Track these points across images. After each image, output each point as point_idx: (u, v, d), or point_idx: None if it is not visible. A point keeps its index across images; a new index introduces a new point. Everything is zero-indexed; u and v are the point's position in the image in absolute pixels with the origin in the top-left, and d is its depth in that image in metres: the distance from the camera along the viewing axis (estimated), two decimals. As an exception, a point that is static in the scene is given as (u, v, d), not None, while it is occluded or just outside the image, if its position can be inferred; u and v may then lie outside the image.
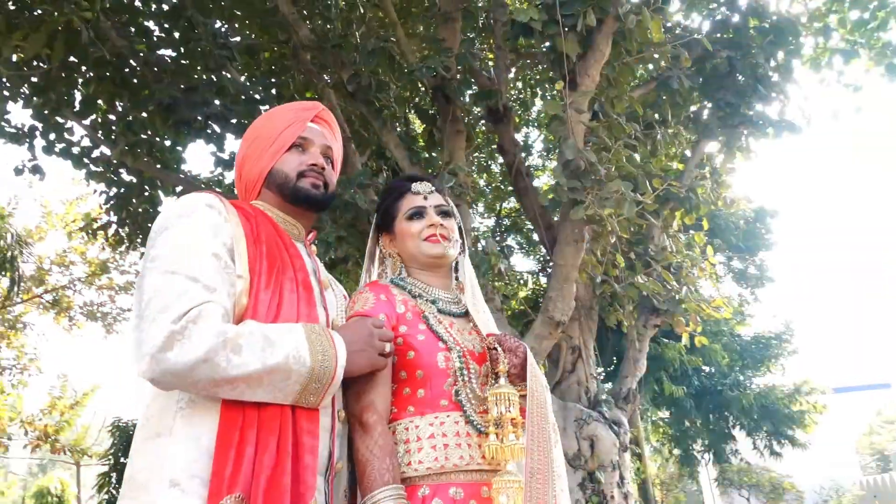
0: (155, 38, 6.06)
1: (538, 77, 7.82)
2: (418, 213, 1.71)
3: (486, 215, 12.06)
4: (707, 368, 11.35)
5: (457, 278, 1.78)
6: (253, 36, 7.16)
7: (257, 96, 6.01)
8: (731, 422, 11.54)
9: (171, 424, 1.24)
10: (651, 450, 14.00)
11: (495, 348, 1.55)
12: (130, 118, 5.74)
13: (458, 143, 5.57)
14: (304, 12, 6.45)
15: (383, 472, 1.35)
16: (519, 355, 1.55)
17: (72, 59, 5.15)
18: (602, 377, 11.28)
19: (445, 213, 1.74)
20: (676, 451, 12.51)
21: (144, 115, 5.67)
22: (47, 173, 7.26)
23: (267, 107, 6.82)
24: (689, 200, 6.68)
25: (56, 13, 3.96)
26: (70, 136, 6.86)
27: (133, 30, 6.01)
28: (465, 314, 1.68)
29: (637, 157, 6.68)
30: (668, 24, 6.18)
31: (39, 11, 3.88)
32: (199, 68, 5.57)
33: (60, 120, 6.59)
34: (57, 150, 6.89)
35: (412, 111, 6.87)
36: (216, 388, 1.21)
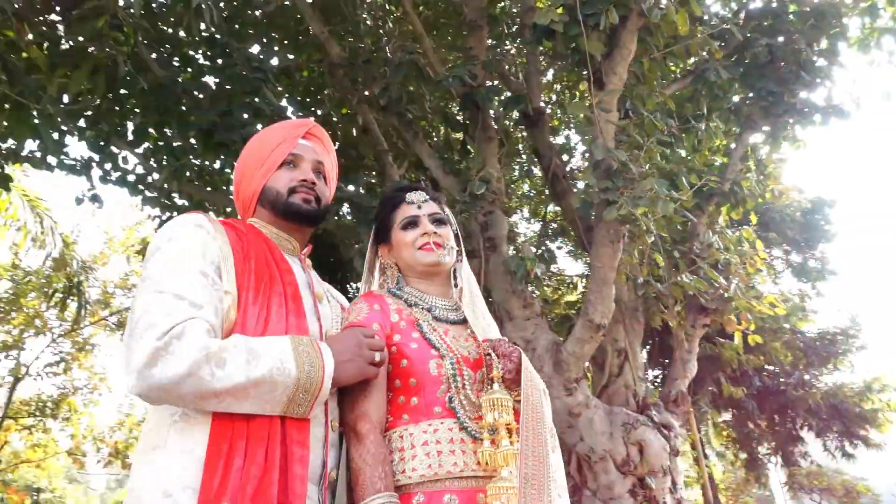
0: (196, 66, 6.30)
1: (575, 79, 7.75)
2: (412, 223, 1.72)
3: (531, 220, 12.00)
4: (769, 367, 10.94)
5: (456, 284, 1.79)
6: (291, 57, 7.35)
7: (293, 116, 6.15)
8: (797, 423, 11.07)
9: (166, 437, 1.29)
10: (714, 454, 13.58)
11: (490, 354, 1.55)
12: (176, 144, 5.95)
13: (490, 149, 5.56)
14: (336, 31, 6.57)
15: (375, 480, 1.36)
16: (513, 360, 1.53)
17: (120, 90, 5.37)
18: (650, 380, 11.03)
19: (440, 222, 1.75)
20: (742, 455, 12.07)
21: (190, 140, 5.89)
22: (106, 201, 7.62)
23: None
24: (735, 195, 6.50)
25: (95, 50, 4.15)
26: (125, 165, 7.19)
27: (177, 59, 6.27)
28: (464, 321, 1.68)
29: (675, 153, 6.55)
30: (703, 16, 6.03)
31: (78, 48, 4.08)
32: (236, 92, 5.74)
33: (115, 150, 6.91)
34: (113, 178, 7.20)
35: (443, 121, 6.90)
36: (203, 402, 1.25)
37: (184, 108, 5.82)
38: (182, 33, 6.25)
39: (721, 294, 6.02)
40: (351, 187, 6.10)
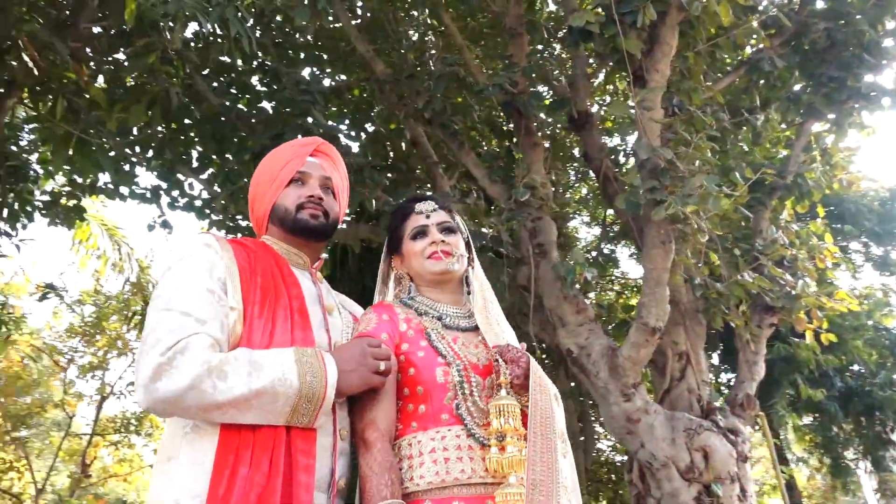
0: (253, 93, 6.55)
1: (623, 79, 7.63)
2: (421, 233, 1.75)
3: (590, 224, 11.82)
4: (853, 368, 10.34)
5: (469, 292, 1.79)
6: (343, 78, 7.54)
7: (344, 134, 6.30)
8: (887, 425, 10.39)
9: (179, 448, 1.35)
10: (795, 460, 12.91)
11: (497, 360, 1.54)
12: (232, 168, 6.19)
13: (535, 155, 5.53)
14: (381, 49, 6.70)
15: (381, 487, 1.38)
16: (521, 365, 1.53)
17: (177, 121, 5.65)
18: (721, 384, 10.60)
19: (449, 230, 1.76)
20: (826, 461, 11.43)
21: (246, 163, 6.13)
22: (175, 226, 7.99)
23: (355, 143, 7.12)
24: (799, 187, 6.23)
25: (150, 84, 4.39)
26: (191, 191, 7.53)
27: (234, 88, 6.54)
28: (476, 328, 1.68)
29: (735, 146, 6.33)
30: (754, 4, 5.83)
31: (134, 84, 4.33)
32: (287, 115, 5.93)
33: (181, 177, 7.25)
34: (180, 204, 7.55)
35: (489, 130, 6.91)
36: (207, 414, 1.30)
37: (241, 133, 6.06)
38: (240, 62, 6.53)
39: (788, 291, 5.75)
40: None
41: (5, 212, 5.45)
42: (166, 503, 1.29)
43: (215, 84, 6.30)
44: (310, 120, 6.05)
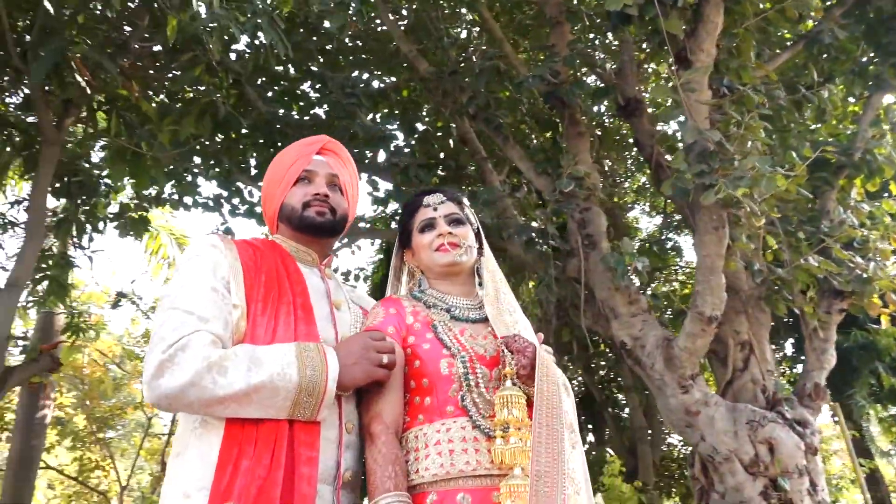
0: (306, 99, 6.71)
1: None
2: (429, 225, 1.74)
3: (652, 214, 11.51)
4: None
5: (481, 283, 1.78)
6: (392, 80, 7.61)
7: (386, 134, 6.36)
8: (985, 415, 9.70)
9: (188, 443, 1.40)
10: (880, 453, 12.18)
11: (503, 350, 1.53)
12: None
13: (581, 145, 5.43)
14: (426, 48, 6.72)
15: (385, 479, 1.39)
16: (528, 355, 1.50)
17: (230, 130, 5.83)
18: (785, 373, 10.12)
19: (457, 222, 1.75)
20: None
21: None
22: (238, 233, 8.23)
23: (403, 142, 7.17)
24: (868, 164, 5.88)
25: (200, 96, 4.55)
26: (251, 198, 7.78)
27: (286, 95, 6.70)
28: (486, 319, 1.66)
29: (802, 124, 6.03)
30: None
31: (183, 97, 4.51)
32: (334, 119, 6.04)
33: (241, 185, 7.50)
34: (241, 211, 7.81)
35: (535, 122, 6.83)
36: (210, 409, 1.34)
37: (291, 139, 6.21)
38: (291, 70, 6.70)
39: (859, 275, 5.44)
40: None
41: (75, 225, 5.74)
42: (176, 496, 1.33)
43: (270, 94, 6.49)
44: (357, 122, 6.15)
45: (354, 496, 1.47)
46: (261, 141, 6.29)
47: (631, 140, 8.52)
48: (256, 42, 4.51)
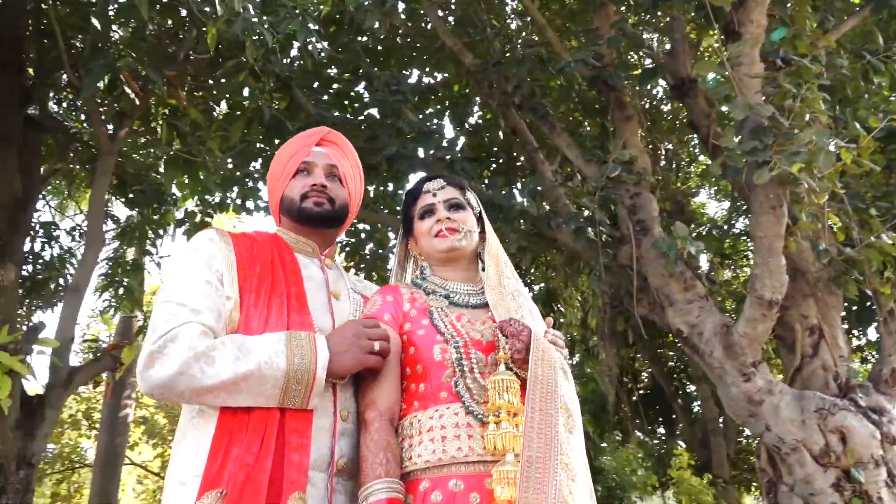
0: (356, 99, 6.81)
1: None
2: (429, 212, 1.73)
3: (719, 199, 11.07)
4: None
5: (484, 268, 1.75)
6: (444, 75, 7.61)
7: (441, 129, 6.37)
8: None
9: (186, 432, 1.44)
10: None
11: (498, 335, 1.50)
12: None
13: (630, 129, 5.28)
14: (472, 41, 6.69)
15: (376, 466, 1.39)
16: (522, 339, 1.46)
17: (278, 134, 5.98)
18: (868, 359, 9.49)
19: (456, 206, 1.73)
20: None
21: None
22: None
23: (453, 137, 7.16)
24: (948, 133, 5.46)
25: (247, 102, 4.68)
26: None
27: (336, 96, 6.82)
28: (487, 305, 1.63)
29: (878, 94, 5.66)
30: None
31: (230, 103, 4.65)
32: (380, 117, 6.10)
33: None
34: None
35: (583, 109, 6.69)
36: (200, 398, 1.37)
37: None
38: (338, 71, 6.80)
39: (941, 251, 5.06)
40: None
41: (144, 232, 6.02)
42: (174, 483, 1.38)
43: (325, 97, 6.61)
44: (406, 119, 6.18)
45: (353, 484, 1.47)
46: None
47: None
48: (296, 45, 4.58)
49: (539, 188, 5.42)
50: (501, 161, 7.77)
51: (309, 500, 1.35)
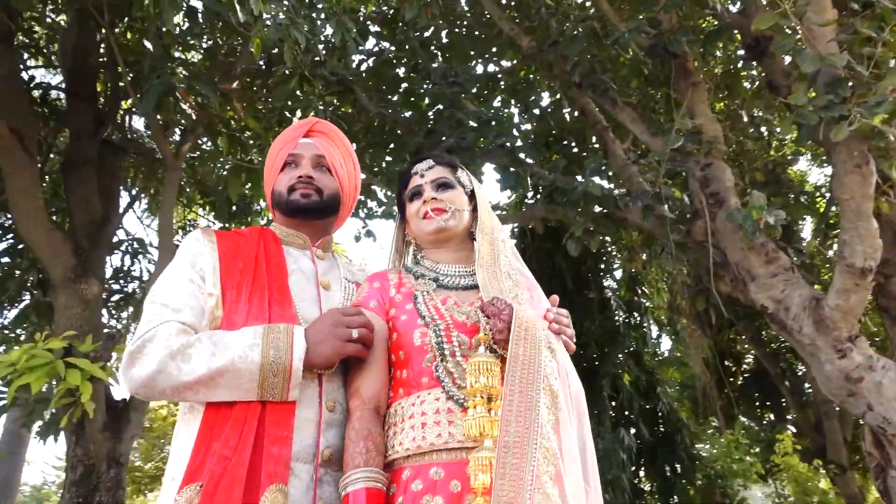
0: (419, 96, 6.83)
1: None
2: (417, 193, 1.68)
3: (820, 164, 10.26)
4: None
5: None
6: (509, 64, 7.50)
7: (502, 117, 6.27)
8: None
9: (179, 429, 1.47)
10: None
11: (479, 315, 1.42)
12: (392, 170, 6.50)
13: (697, 96, 4.96)
14: (529, 25, 6.54)
15: (355, 455, 1.35)
16: (503, 318, 1.38)
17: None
18: None
19: (444, 186, 1.66)
20: None
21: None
22: (380, 235, 8.54)
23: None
24: None
25: (303, 108, 4.79)
26: (385, 200, 8.06)
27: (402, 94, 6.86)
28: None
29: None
30: None
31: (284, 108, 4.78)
32: (440, 109, 6.07)
33: (375, 188, 7.81)
34: (378, 213, 8.13)
35: (643, 80, 6.36)
36: (182, 395, 1.39)
37: (402, 135, 6.34)
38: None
39: None
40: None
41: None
42: (167, 479, 1.41)
43: (394, 96, 6.68)
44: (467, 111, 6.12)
45: (342, 474, 1.44)
46: (376, 142, 6.49)
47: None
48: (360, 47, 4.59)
49: (602, 167, 5.21)
50: (574, 144, 7.56)
51: (292, 490, 1.34)
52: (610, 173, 6.91)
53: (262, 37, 3.52)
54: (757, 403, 10.28)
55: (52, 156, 5.53)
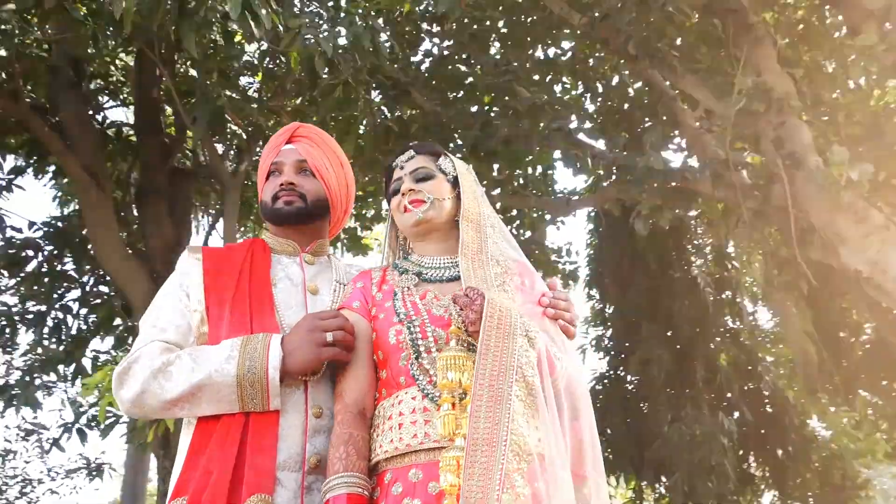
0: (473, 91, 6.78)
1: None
2: (397, 187, 1.61)
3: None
4: None
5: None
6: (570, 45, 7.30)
7: (560, 100, 6.10)
8: None
9: (179, 444, 1.50)
10: None
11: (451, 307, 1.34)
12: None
13: (762, 51, 4.61)
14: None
15: (335, 461, 1.32)
16: (475, 309, 1.29)
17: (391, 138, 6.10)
18: None
19: (423, 176, 1.59)
20: None
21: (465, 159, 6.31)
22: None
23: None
24: None
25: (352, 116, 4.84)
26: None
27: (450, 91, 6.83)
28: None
29: None
30: None
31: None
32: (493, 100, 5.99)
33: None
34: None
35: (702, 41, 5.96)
36: (169, 411, 1.42)
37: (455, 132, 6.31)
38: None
39: None
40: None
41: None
42: (169, 492, 1.43)
43: (454, 94, 6.65)
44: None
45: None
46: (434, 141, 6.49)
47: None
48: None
49: (671, 138, 4.94)
50: (646, 119, 7.25)
51: (278, 500, 1.34)
52: (682, 145, 6.57)
53: (293, 51, 3.57)
54: (882, 375, 9.44)
55: (131, 189, 5.93)
